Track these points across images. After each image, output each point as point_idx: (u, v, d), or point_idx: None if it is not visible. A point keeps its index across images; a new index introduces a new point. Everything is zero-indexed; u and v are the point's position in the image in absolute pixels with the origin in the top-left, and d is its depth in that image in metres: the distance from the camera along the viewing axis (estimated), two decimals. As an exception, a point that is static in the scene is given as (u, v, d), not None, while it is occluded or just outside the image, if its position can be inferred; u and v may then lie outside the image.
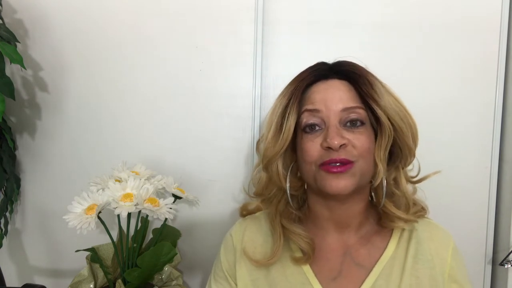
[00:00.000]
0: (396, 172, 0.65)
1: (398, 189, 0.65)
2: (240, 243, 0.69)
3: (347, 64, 0.65)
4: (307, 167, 0.61)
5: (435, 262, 0.63)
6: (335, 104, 0.60)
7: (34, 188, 0.98)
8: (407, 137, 0.61)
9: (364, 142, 0.59)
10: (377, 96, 0.60)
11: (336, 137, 0.57)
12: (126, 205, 0.69)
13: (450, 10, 0.94)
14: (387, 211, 0.64)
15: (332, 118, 0.60)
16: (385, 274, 0.62)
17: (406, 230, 0.66)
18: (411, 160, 0.64)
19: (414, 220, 0.64)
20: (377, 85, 0.61)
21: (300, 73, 0.66)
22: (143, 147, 0.96)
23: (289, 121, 0.62)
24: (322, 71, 0.65)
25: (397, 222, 0.63)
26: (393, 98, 0.62)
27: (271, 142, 0.63)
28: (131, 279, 0.73)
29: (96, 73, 0.95)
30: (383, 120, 0.59)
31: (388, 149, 0.62)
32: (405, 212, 0.64)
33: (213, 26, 0.94)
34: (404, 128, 0.61)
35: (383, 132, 0.60)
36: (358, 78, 0.62)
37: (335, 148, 0.57)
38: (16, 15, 0.94)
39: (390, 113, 0.60)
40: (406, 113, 0.62)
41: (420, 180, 0.69)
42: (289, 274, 0.65)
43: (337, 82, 0.63)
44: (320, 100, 0.61)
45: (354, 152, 0.59)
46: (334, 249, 0.66)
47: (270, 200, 0.69)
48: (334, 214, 0.65)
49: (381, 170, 0.61)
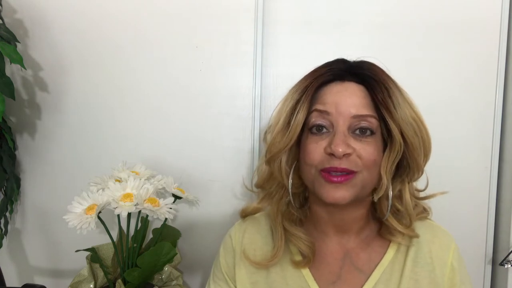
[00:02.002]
0: (402, 185, 0.62)
1: (401, 203, 0.62)
2: (239, 245, 0.68)
3: (367, 67, 0.61)
4: (307, 169, 0.60)
5: (435, 265, 0.62)
6: (347, 109, 0.57)
7: (34, 188, 0.98)
8: (418, 154, 0.58)
9: (371, 153, 0.57)
10: (392, 106, 0.56)
11: (341, 144, 0.55)
12: (126, 205, 0.69)
13: (450, 10, 0.94)
14: (388, 224, 0.62)
15: (341, 123, 0.57)
16: (384, 279, 0.62)
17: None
18: (419, 176, 0.62)
19: (413, 235, 0.63)
20: (395, 94, 0.58)
21: (317, 68, 0.63)
22: (143, 147, 0.96)
23: (297, 118, 0.59)
24: (339, 70, 0.61)
25: (395, 235, 0.62)
26: (411, 110, 0.58)
27: (277, 137, 0.61)
28: (131, 279, 0.73)
29: (96, 73, 0.95)
30: (395, 134, 0.57)
31: (396, 163, 0.59)
32: (405, 227, 0.62)
33: (213, 26, 0.94)
34: (416, 144, 0.58)
35: (393, 145, 0.58)
36: (375, 84, 0.58)
37: (338, 156, 0.55)
38: (16, 15, 0.94)
39: (403, 126, 0.57)
40: (422, 127, 0.59)
41: (425, 198, 0.67)
42: (289, 277, 0.64)
43: (353, 85, 0.60)
44: (332, 102, 0.58)
45: (359, 162, 0.57)
46: (333, 252, 0.65)
47: (271, 196, 0.68)
48: (334, 218, 0.64)
49: (385, 184, 0.58)
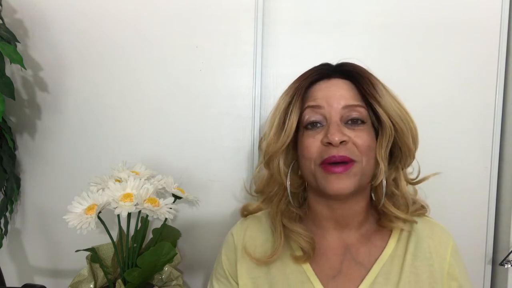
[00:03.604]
0: (396, 172, 0.65)
1: (397, 189, 0.65)
2: (241, 242, 0.70)
3: (350, 64, 0.66)
4: (307, 163, 0.62)
5: (434, 260, 0.63)
6: (337, 101, 0.61)
7: (34, 188, 0.98)
8: (407, 138, 0.62)
9: (366, 139, 0.60)
10: (378, 95, 0.61)
11: (336, 133, 0.58)
12: (126, 205, 0.69)
13: (450, 10, 0.94)
14: (386, 211, 0.64)
15: (334, 115, 0.60)
16: (385, 272, 0.63)
17: (407, 223, 0.66)
18: (411, 161, 0.65)
19: (413, 221, 0.65)
20: (379, 86, 0.62)
21: (304, 72, 0.67)
22: (143, 147, 0.96)
23: (291, 118, 0.62)
24: (326, 70, 0.66)
25: (395, 222, 0.64)
26: (394, 100, 0.63)
27: (273, 139, 0.64)
28: (131, 279, 0.73)
29: (96, 73, 0.95)
30: (384, 118, 0.60)
31: (389, 147, 0.62)
32: (404, 212, 0.64)
33: (213, 26, 0.94)
34: (405, 129, 0.62)
35: (384, 130, 0.61)
36: (360, 78, 0.63)
37: (335, 144, 0.57)
38: (16, 15, 0.94)
39: (391, 113, 0.61)
40: (407, 115, 0.63)
41: (419, 181, 0.69)
42: (289, 273, 0.65)
43: (339, 81, 0.64)
44: (322, 97, 0.62)
45: (355, 150, 0.59)
46: (334, 247, 0.66)
47: (271, 199, 0.69)
48: (335, 213, 0.65)
49: (383, 169, 0.61)
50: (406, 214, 0.64)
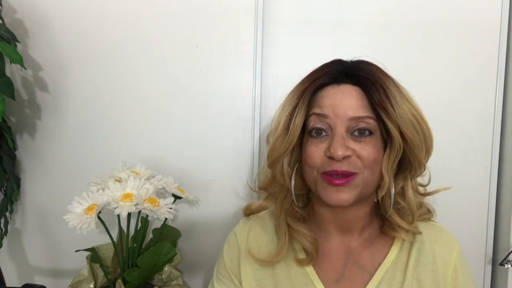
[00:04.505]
0: (404, 182, 0.62)
1: (403, 199, 0.63)
2: (244, 242, 0.69)
3: (362, 68, 0.61)
4: (310, 171, 0.61)
5: (438, 265, 0.62)
6: (344, 111, 0.58)
7: (34, 188, 0.98)
8: (418, 151, 0.59)
9: (371, 152, 0.57)
10: (389, 105, 0.57)
11: (339, 147, 0.56)
12: (126, 205, 0.69)
13: (450, 10, 0.94)
14: (390, 219, 0.63)
15: (339, 126, 0.58)
16: (388, 278, 0.62)
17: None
18: (421, 172, 0.62)
19: (416, 232, 0.63)
20: (392, 93, 0.57)
21: (313, 72, 0.63)
22: (143, 147, 0.96)
23: (296, 123, 0.60)
24: (336, 73, 0.62)
25: (399, 231, 0.63)
26: (410, 106, 0.59)
27: (277, 142, 0.62)
28: (131, 279, 0.73)
29: (96, 73, 0.95)
30: (393, 133, 0.57)
31: (397, 161, 0.60)
32: (408, 223, 0.62)
33: (213, 26, 0.94)
34: (417, 141, 0.58)
35: (392, 145, 0.58)
36: (371, 85, 0.58)
37: (337, 159, 0.56)
38: (16, 15, 0.94)
39: (402, 125, 0.57)
40: (423, 122, 0.59)
41: (428, 194, 0.67)
42: (293, 275, 0.64)
43: (349, 87, 0.60)
44: (329, 105, 0.59)
45: (358, 163, 0.57)
46: (337, 251, 0.65)
47: (275, 196, 0.69)
48: (337, 217, 0.64)
49: (387, 183, 0.59)
50: (410, 225, 0.62)
